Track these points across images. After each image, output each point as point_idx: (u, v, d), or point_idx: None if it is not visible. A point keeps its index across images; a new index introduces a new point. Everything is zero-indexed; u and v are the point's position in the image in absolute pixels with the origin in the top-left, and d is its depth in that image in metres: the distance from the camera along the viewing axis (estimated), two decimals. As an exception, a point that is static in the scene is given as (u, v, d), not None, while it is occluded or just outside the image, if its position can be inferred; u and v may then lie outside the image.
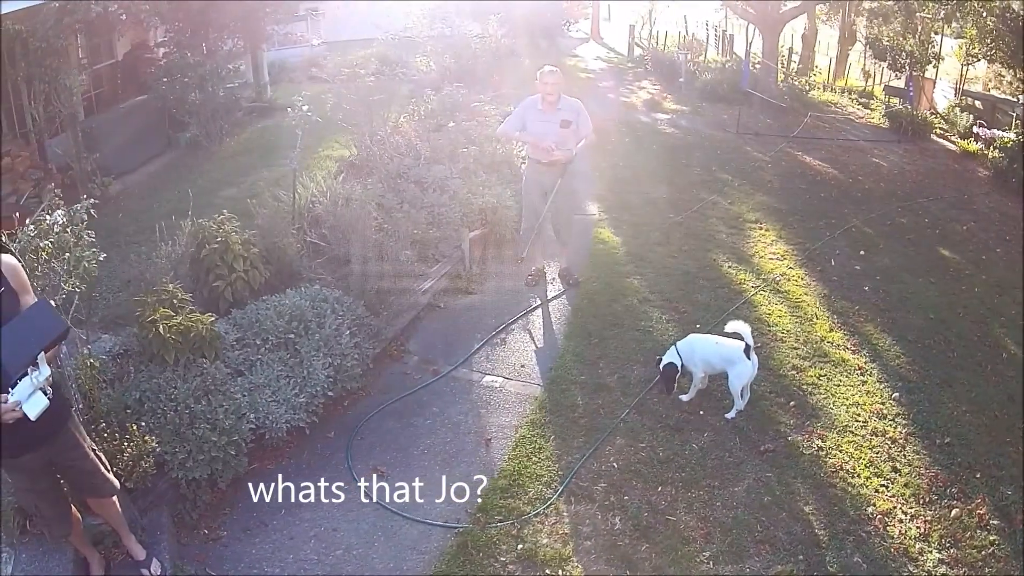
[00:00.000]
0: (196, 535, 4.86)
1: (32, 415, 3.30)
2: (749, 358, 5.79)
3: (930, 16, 16.95)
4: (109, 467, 4.07)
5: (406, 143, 9.07)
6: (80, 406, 4.68)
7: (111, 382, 5.19)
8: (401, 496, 5.10)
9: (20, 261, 3.92)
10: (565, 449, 5.54)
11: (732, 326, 5.89)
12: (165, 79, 11.98)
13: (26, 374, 3.27)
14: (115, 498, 4.18)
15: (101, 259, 5.39)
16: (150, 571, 4.36)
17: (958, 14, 15.78)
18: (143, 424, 4.83)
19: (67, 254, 5.16)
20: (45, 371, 3.36)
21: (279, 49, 16.99)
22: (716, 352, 5.92)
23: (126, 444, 4.61)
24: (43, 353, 3.36)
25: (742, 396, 5.95)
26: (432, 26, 14.65)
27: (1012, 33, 14.58)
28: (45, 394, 3.37)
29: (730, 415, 5.94)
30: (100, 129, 11.43)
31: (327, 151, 10.60)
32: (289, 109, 7.76)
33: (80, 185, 10.67)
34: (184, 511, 4.92)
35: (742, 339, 5.77)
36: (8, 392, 3.23)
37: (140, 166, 11.88)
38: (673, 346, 6.01)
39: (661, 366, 5.93)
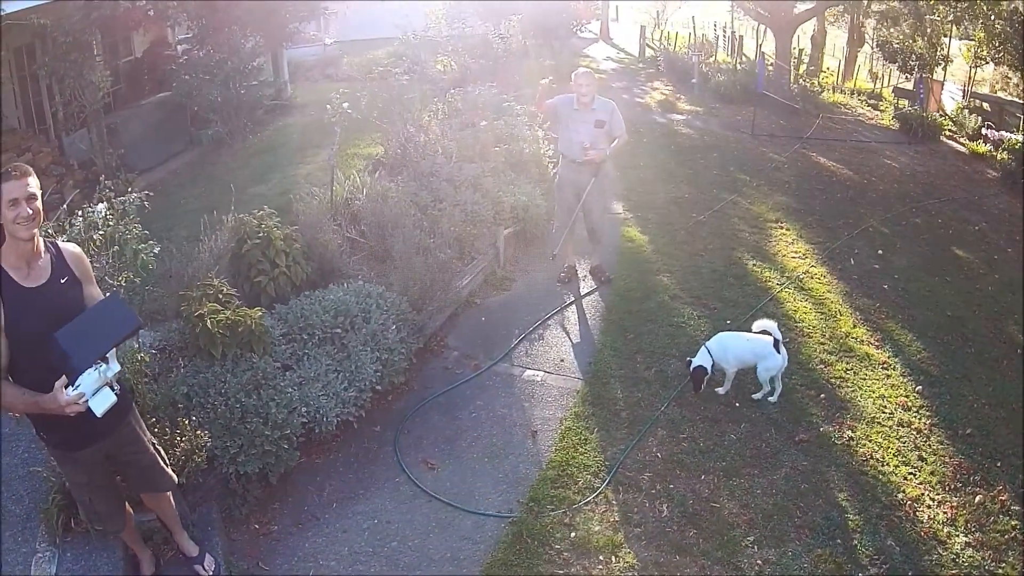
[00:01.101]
0: (246, 530, 4.87)
1: (99, 411, 3.23)
2: (779, 352, 6.04)
3: (939, 18, 17.14)
4: (167, 461, 4.06)
5: (436, 142, 9.20)
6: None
7: (154, 377, 5.18)
8: (453, 488, 5.23)
9: None
10: (609, 440, 5.71)
11: (759, 325, 6.16)
12: (187, 76, 12.11)
13: (94, 368, 3.20)
14: (169, 493, 4.16)
15: (155, 252, 5.53)
16: (204, 567, 4.33)
17: (967, 16, 15.98)
18: (193, 419, 4.81)
19: (115, 247, 5.26)
20: (115, 367, 3.29)
21: (292, 48, 17.12)
22: (748, 348, 6.14)
23: (178, 439, 4.59)
24: (114, 349, 3.30)
25: (773, 387, 6.17)
26: (452, 26, 14.78)
27: (1019, 36, 14.79)
28: (112, 390, 3.29)
29: (757, 396, 6.21)
30: (122, 126, 11.56)
31: (354, 150, 10.73)
32: (328, 106, 7.90)
33: (103, 181, 10.81)
34: (233, 506, 4.92)
35: (771, 335, 6.02)
36: (73, 385, 3.14)
37: (162, 163, 12.04)
38: (704, 347, 6.15)
39: (691, 368, 6.07)
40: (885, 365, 7.01)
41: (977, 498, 5.45)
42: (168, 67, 12.98)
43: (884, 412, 6.31)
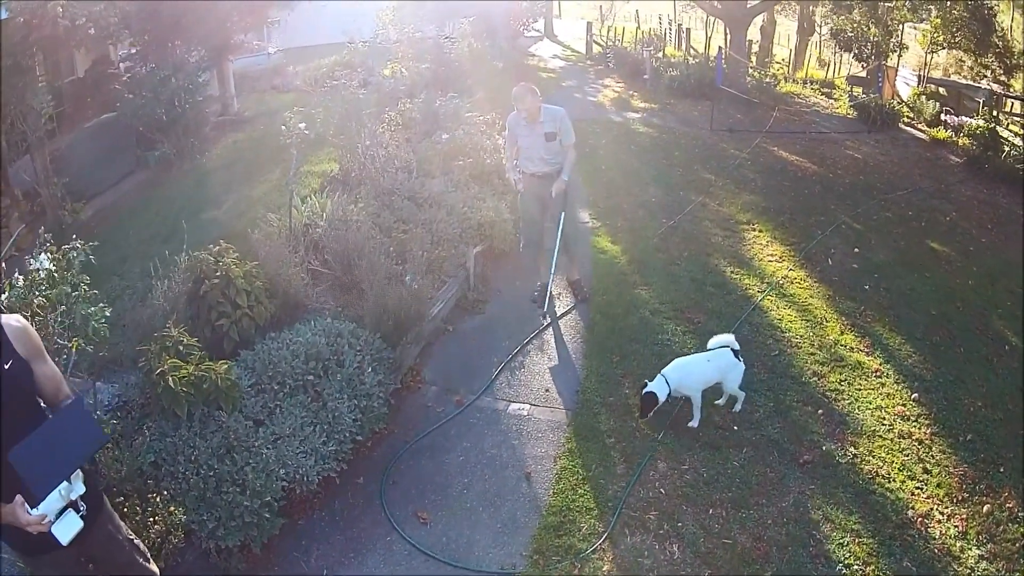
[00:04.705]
0: (234, 610, 4.49)
1: (64, 540, 2.97)
2: (739, 360, 5.93)
3: (895, 5, 17.16)
4: (148, 556, 3.71)
5: (395, 156, 8.79)
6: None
7: (117, 442, 4.69)
8: (449, 543, 4.89)
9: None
10: (609, 478, 5.41)
11: (716, 341, 6.01)
12: (131, 95, 11.52)
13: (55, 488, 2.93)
14: None
15: (107, 316, 4.98)
16: None
17: (922, 3, 16.03)
18: (165, 492, 4.44)
19: (62, 306, 4.71)
20: (79, 488, 3.02)
21: (236, 59, 16.54)
22: (711, 368, 5.93)
23: (152, 518, 4.22)
24: (79, 470, 3.02)
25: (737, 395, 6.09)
26: (401, 30, 14.30)
27: (977, 20, 14.86)
28: (78, 511, 3.03)
29: (721, 401, 6.11)
30: (66, 151, 11.01)
31: (308, 167, 10.21)
32: (283, 127, 7.47)
33: (50, 211, 10.24)
34: (218, 583, 4.54)
35: (728, 347, 5.92)
36: (34, 507, 2.88)
37: (110, 188, 11.49)
38: (660, 375, 5.79)
39: (642, 392, 5.74)
40: (878, 373, 6.84)
41: (985, 508, 5.38)
42: (112, 86, 12.35)
43: (883, 424, 6.15)
